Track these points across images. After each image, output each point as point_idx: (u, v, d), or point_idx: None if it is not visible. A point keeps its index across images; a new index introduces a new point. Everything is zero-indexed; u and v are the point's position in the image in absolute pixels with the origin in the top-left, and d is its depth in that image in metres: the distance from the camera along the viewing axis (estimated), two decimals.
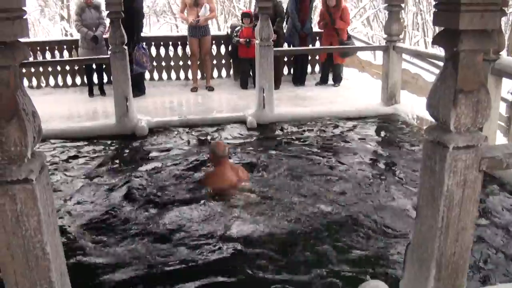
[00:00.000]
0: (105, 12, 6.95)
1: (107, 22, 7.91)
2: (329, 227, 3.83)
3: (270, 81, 6.75)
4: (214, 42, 9.33)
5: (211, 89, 8.95)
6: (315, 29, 9.32)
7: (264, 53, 6.62)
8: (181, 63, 9.37)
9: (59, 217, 3.95)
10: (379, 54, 12.74)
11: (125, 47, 6.44)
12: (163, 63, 9.35)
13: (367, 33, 20.56)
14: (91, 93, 8.71)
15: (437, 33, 2.18)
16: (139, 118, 6.60)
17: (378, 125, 6.72)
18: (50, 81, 9.17)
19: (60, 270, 2.16)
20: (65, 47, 9.21)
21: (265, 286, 3.15)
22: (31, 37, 15.26)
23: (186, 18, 8.93)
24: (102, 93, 8.73)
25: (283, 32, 8.82)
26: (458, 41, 1.97)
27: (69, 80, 9.18)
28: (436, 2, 2.10)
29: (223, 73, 9.58)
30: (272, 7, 8.50)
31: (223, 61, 9.51)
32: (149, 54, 8.77)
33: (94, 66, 8.66)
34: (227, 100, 8.33)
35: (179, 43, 9.32)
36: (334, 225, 3.87)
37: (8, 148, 1.85)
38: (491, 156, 2.16)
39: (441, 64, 2.33)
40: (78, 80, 9.18)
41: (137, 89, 8.15)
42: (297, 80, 9.27)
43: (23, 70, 8.60)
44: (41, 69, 9.06)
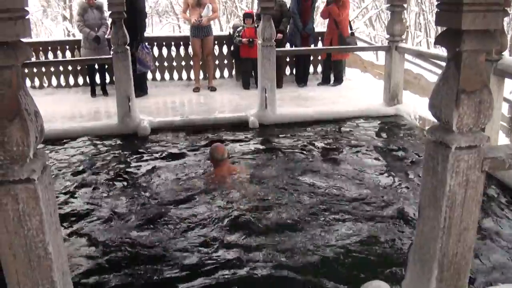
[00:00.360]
0: (107, 13, 6.96)
1: (109, 22, 7.94)
2: (329, 227, 3.83)
3: (272, 81, 6.74)
4: (216, 42, 9.33)
5: (213, 89, 8.95)
6: (317, 29, 9.31)
7: (266, 53, 6.62)
8: (183, 63, 9.37)
9: (60, 217, 3.95)
10: (381, 54, 12.74)
11: (127, 47, 6.45)
12: (166, 63, 9.36)
13: (369, 33, 20.57)
14: (93, 93, 8.73)
15: (439, 33, 2.18)
16: (141, 118, 6.61)
17: (380, 125, 6.71)
18: (53, 81, 9.18)
19: (62, 269, 2.16)
20: (67, 47, 9.24)
21: (266, 285, 3.15)
22: (33, 37, 15.34)
23: (189, 19, 8.94)
24: (105, 93, 8.74)
25: (287, 32, 8.83)
26: (460, 41, 1.96)
27: (71, 80, 9.19)
28: (438, 2, 2.10)
29: (225, 73, 9.58)
30: (278, 7, 8.54)
31: (225, 61, 9.52)
32: (152, 54, 8.78)
33: (96, 66, 8.68)
34: (229, 101, 8.33)
35: (181, 43, 9.32)
36: (334, 225, 3.87)
37: (10, 148, 1.86)
38: (493, 156, 2.15)
39: (444, 65, 2.33)
40: (80, 80, 9.20)
41: (140, 89, 8.15)
42: (300, 80, 9.26)
43: (26, 70, 8.62)
44: (43, 69, 9.08)
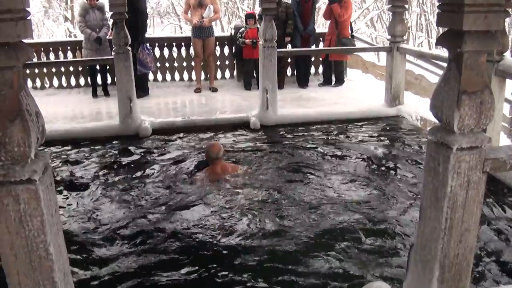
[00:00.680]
0: (109, 13, 6.97)
1: (111, 23, 7.95)
2: (331, 228, 3.82)
3: (274, 82, 6.74)
4: (217, 43, 9.34)
5: (214, 90, 8.96)
6: (318, 30, 9.31)
7: (267, 54, 6.61)
8: (184, 64, 9.38)
9: (62, 218, 3.96)
10: (382, 55, 12.73)
11: (129, 48, 6.45)
12: (167, 64, 9.37)
13: (370, 34, 20.57)
14: (94, 94, 8.74)
15: (440, 34, 2.18)
16: (142, 118, 6.61)
17: (382, 126, 6.70)
18: (54, 82, 9.20)
19: (63, 270, 2.15)
20: (69, 48, 9.28)
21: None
22: (35, 38, 15.36)
23: (190, 19, 8.95)
24: (106, 94, 8.75)
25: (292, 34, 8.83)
26: (461, 42, 1.96)
27: (72, 81, 9.21)
28: (439, 3, 2.10)
29: (227, 74, 9.59)
30: (284, 9, 8.55)
31: (227, 62, 9.53)
32: (153, 55, 8.78)
33: (97, 67, 8.69)
34: (230, 101, 8.33)
35: (182, 44, 9.33)
36: (335, 225, 3.86)
37: (11, 148, 1.85)
38: (495, 157, 2.15)
39: (445, 65, 2.33)
40: (82, 81, 9.22)
41: (141, 90, 8.17)
42: (301, 81, 9.25)
43: (27, 71, 8.64)
44: (44, 70, 9.10)
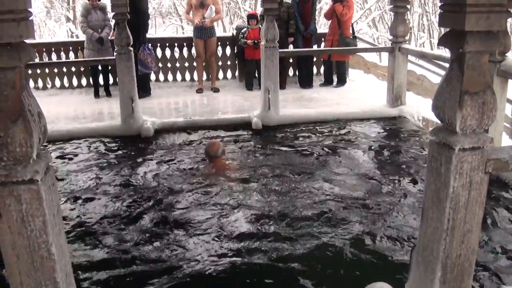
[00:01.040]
0: (111, 14, 6.97)
1: (113, 23, 7.95)
2: (330, 228, 3.82)
3: (276, 83, 6.74)
4: (219, 43, 9.34)
5: (216, 90, 8.96)
6: (320, 30, 9.30)
7: (269, 54, 6.61)
8: (186, 64, 9.39)
9: (64, 218, 3.96)
10: (384, 55, 12.73)
11: (131, 48, 6.46)
12: (169, 64, 9.39)
13: (372, 34, 20.55)
14: (96, 94, 8.75)
15: (443, 34, 2.17)
16: (144, 119, 6.62)
17: (383, 126, 6.70)
18: (56, 82, 9.21)
19: (65, 270, 2.16)
20: (70, 48, 9.28)
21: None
22: (37, 39, 15.37)
23: (192, 20, 8.95)
24: (108, 94, 8.76)
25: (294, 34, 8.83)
26: (464, 42, 1.96)
27: (74, 81, 9.22)
28: (441, 3, 2.09)
29: (229, 74, 9.59)
30: (286, 9, 8.55)
31: (229, 63, 9.53)
32: (155, 56, 8.78)
33: (99, 67, 8.70)
34: (232, 102, 8.33)
35: (184, 44, 9.34)
36: (336, 226, 3.86)
37: (13, 148, 1.86)
38: (497, 157, 2.14)
39: (447, 66, 2.32)
40: (83, 81, 9.23)
41: (143, 90, 8.17)
42: (303, 81, 9.23)
43: (29, 71, 8.65)
44: (47, 70, 9.11)
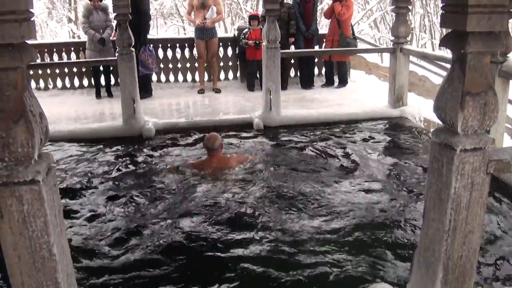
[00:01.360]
0: (112, 15, 6.98)
1: (114, 24, 7.96)
2: (331, 229, 3.82)
3: (277, 83, 6.73)
4: (221, 44, 9.34)
5: (218, 91, 8.96)
6: (321, 31, 9.31)
7: (271, 55, 6.61)
8: (188, 65, 9.40)
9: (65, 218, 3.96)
10: (386, 56, 12.71)
11: (133, 49, 6.46)
12: (170, 65, 9.39)
13: (374, 35, 20.54)
14: (98, 95, 8.75)
15: (444, 35, 2.17)
16: (146, 119, 6.62)
17: (385, 127, 6.69)
18: (58, 83, 9.23)
19: (66, 271, 2.16)
20: (72, 49, 9.29)
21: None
22: (38, 39, 15.39)
23: (193, 20, 8.95)
24: (109, 95, 8.77)
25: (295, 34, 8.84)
26: (465, 43, 1.96)
27: (76, 82, 9.24)
28: (443, 4, 2.09)
29: (230, 75, 9.60)
30: (286, 9, 8.56)
31: (230, 63, 9.54)
32: (156, 56, 8.79)
33: (101, 68, 8.71)
34: (233, 102, 8.33)
35: (186, 45, 9.34)
36: (337, 227, 3.85)
37: (15, 149, 1.86)
38: (498, 158, 2.14)
39: (448, 66, 2.32)
40: (85, 82, 9.24)
41: (144, 91, 8.17)
42: (305, 82, 9.23)
43: (31, 72, 8.66)
44: (48, 71, 9.13)
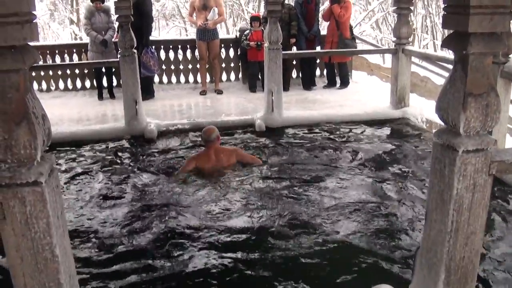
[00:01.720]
0: (115, 16, 6.99)
1: (116, 26, 7.97)
2: (332, 231, 3.82)
3: (279, 84, 6.74)
4: (222, 45, 9.35)
5: (219, 92, 8.96)
6: (323, 32, 9.32)
7: (272, 56, 6.62)
8: (190, 66, 9.40)
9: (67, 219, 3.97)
10: (388, 57, 12.72)
11: (135, 50, 6.48)
12: (172, 67, 9.39)
13: (376, 36, 20.52)
14: (100, 96, 8.77)
15: (446, 36, 2.17)
16: (148, 121, 6.63)
17: (387, 128, 6.69)
18: (60, 85, 9.24)
19: (69, 272, 2.16)
20: (74, 50, 9.31)
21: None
22: (41, 41, 15.41)
23: (195, 22, 8.95)
24: (112, 96, 8.78)
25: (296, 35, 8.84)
26: (467, 44, 1.96)
27: (78, 84, 9.25)
28: (445, 5, 2.09)
29: (232, 76, 9.60)
30: (287, 10, 8.56)
31: (232, 64, 9.53)
32: (158, 58, 8.80)
33: (103, 70, 8.71)
34: (235, 103, 8.34)
35: (188, 46, 9.33)
36: (338, 228, 3.85)
37: (17, 151, 1.86)
38: (500, 159, 2.14)
39: (450, 67, 2.32)
40: (87, 83, 9.25)
41: (146, 92, 8.18)
42: (307, 83, 9.22)
43: (33, 73, 8.67)
44: (50, 73, 9.13)
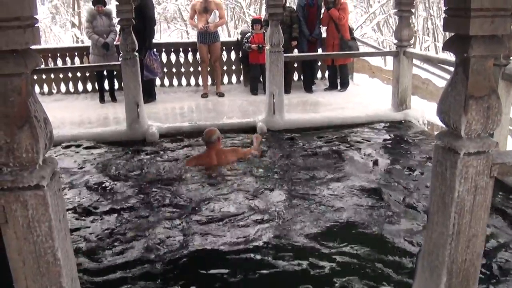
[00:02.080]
0: (116, 19, 7.00)
1: (118, 29, 7.98)
2: (333, 232, 3.82)
3: (280, 87, 6.74)
4: (224, 48, 9.36)
5: (221, 95, 8.97)
6: (325, 34, 9.32)
7: (274, 59, 6.62)
8: (191, 69, 9.40)
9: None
10: (389, 59, 12.71)
11: (136, 53, 6.49)
12: (174, 69, 9.40)
13: (377, 38, 20.52)
14: (102, 99, 8.77)
15: (447, 38, 2.18)
16: (149, 124, 6.64)
17: (389, 130, 6.68)
18: (61, 88, 9.25)
19: (71, 275, 2.16)
20: (76, 53, 9.31)
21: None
22: (42, 44, 15.44)
23: (196, 25, 8.96)
24: (113, 99, 8.78)
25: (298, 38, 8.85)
26: (468, 47, 1.96)
27: (80, 87, 9.26)
28: (446, 7, 2.10)
29: (233, 79, 9.60)
30: (288, 13, 8.58)
31: (233, 67, 9.54)
32: (160, 61, 8.80)
33: (105, 73, 8.72)
34: (237, 106, 8.33)
35: (189, 49, 9.35)
36: (339, 230, 3.86)
37: (19, 154, 1.87)
38: (502, 162, 2.14)
39: (452, 69, 2.32)
40: (89, 86, 9.26)
41: (148, 95, 8.19)
42: (308, 86, 9.23)
43: (35, 77, 8.67)
44: (52, 76, 9.15)
